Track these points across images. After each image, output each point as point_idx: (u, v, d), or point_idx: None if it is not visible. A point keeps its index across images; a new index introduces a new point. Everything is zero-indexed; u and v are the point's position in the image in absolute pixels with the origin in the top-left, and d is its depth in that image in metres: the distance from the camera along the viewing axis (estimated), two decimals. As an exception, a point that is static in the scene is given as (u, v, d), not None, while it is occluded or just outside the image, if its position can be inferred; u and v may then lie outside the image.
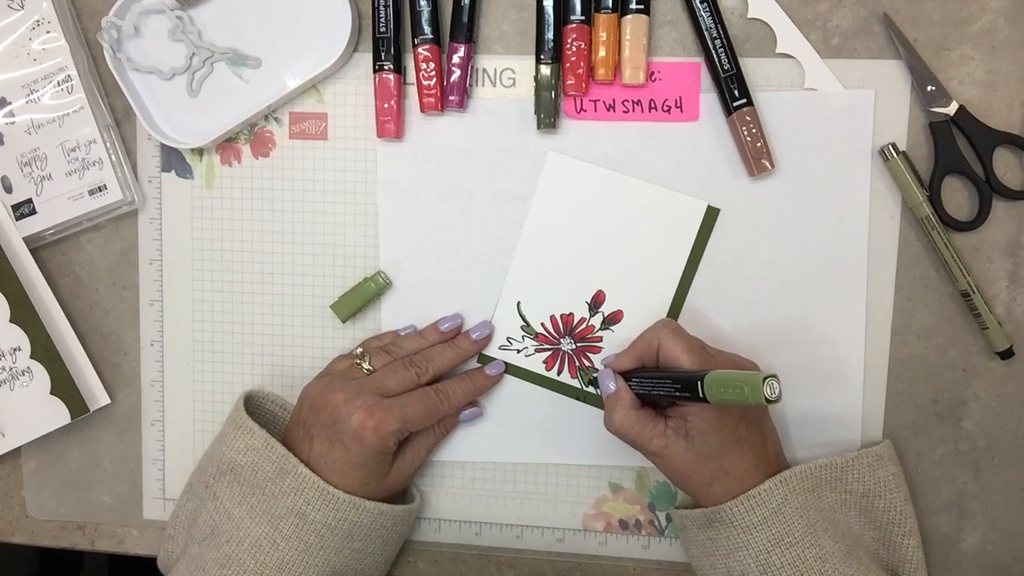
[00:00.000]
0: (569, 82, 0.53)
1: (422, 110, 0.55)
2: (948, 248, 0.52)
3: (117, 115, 0.58)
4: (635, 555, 0.58)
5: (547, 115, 0.54)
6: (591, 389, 0.57)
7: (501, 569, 0.60)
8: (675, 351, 0.48)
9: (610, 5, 0.52)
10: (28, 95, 0.57)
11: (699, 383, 0.43)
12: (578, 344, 0.57)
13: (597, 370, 0.57)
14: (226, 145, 0.58)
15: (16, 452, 0.62)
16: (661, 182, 0.55)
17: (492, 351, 0.57)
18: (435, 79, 0.54)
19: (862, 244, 0.54)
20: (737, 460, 0.48)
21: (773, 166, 0.53)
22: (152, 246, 0.59)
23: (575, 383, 0.57)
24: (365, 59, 0.56)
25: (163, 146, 0.58)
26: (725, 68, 0.52)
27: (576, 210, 0.56)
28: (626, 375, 0.51)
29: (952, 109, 0.52)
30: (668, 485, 0.57)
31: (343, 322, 0.58)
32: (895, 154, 0.52)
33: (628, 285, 0.56)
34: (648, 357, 0.50)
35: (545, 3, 0.52)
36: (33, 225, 0.58)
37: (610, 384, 0.51)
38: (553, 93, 0.53)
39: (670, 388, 0.46)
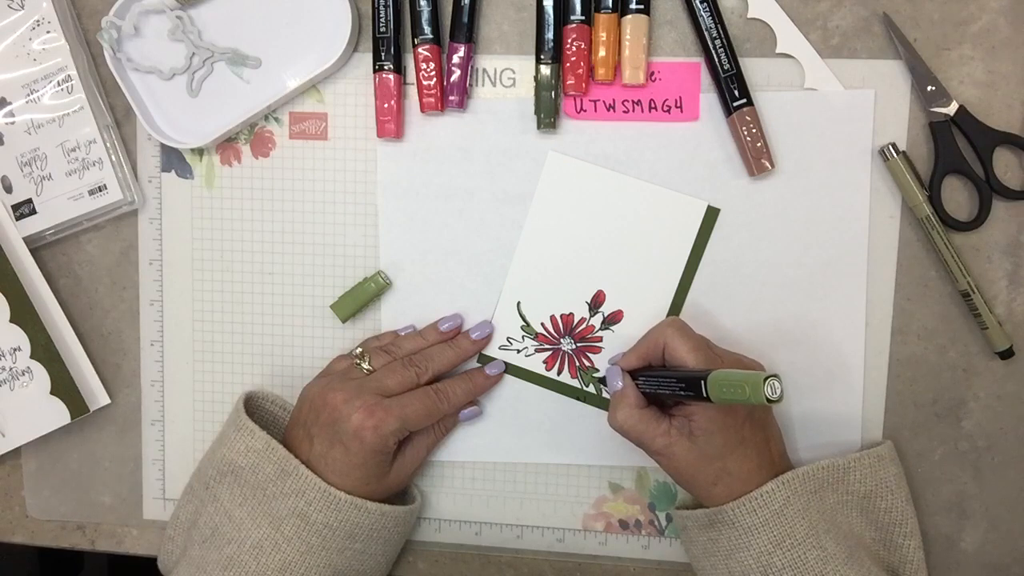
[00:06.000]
0: (569, 82, 0.53)
1: (422, 110, 0.55)
2: (948, 248, 0.52)
3: (117, 115, 0.58)
4: (635, 555, 0.58)
5: (547, 115, 0.54)
6: (591, 389, 0.57)
7: (501, 569, 0.60)
8: (681, 350, 0.48)
9: (610, 5, 0.52)
10: (28, 95, 0.57)
11: (702, 383, 0.43)
12: (578, 344, 0.57)
13: (597, 370, 0.57)
14: (226, 145, 0.58)
15: (16, 452, 0.61)
16: (661, 182, 0.55)
17: (492, 351, 0.57)
18: (435, 79, 0.54)
19: (862, 244, 0.54)
20: (741, 460, 0.48)
21: (773, 166, 0.53)
22: (152, 246, 0.59)
23: (575, 383, 0.57)
24: (365, 59, 0.56)
25: (163, 146, 0.58)
26: (725, 68, 0.52)
27: (576, 210, 0.56)
28: (632, 373, 0.51)
29: (952, 109, 0.52)
30: (668, 485, 0.57)
31: (343, 322, 0.58)
32: (895, 154, 0.52)
33: (628, 285, 0.56)
34: (654, 355, 0.50)
35: (545, 3, 0.52)
36: (33, 225, 0.58)
37: (617, 382, 0.51)
38: (553, 93, 0.53)
39: (675, 387, 0.46)
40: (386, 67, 0.54)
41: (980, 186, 0.53)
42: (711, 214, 0.55)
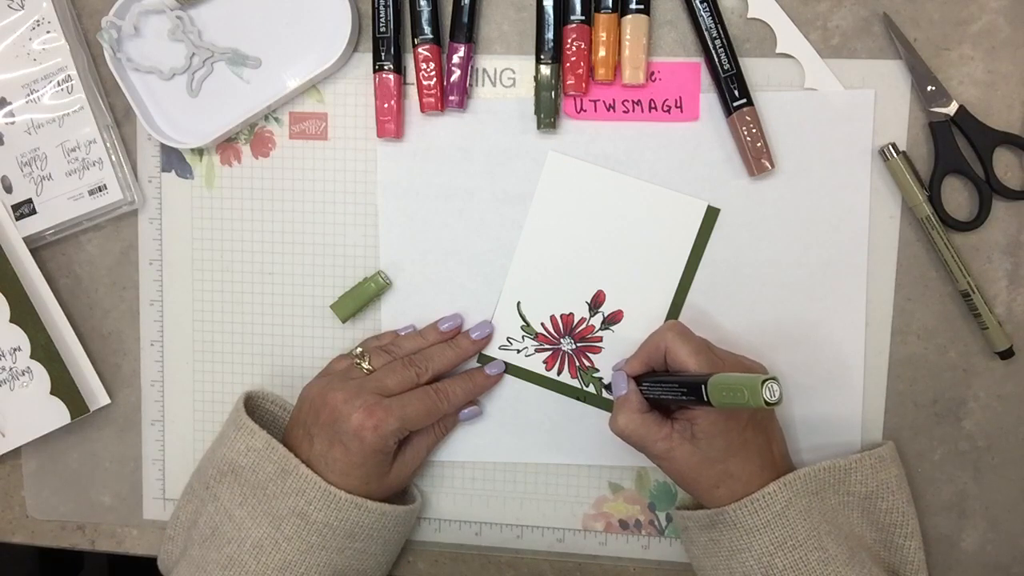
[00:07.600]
0: (569, 82, 0.53)
1: (422, 110, 0.55)
2: (948, 248, 0.52)
3: (117, 115, 0.58)
4: (635, 555, 0.58)
5: (547, 115, 0.54)
6: (591, 389, 0.57)
7: (501, 569, 0.60)
8: (681, 354, 0.48)
9: (610, 5, 0.52)
10: (28, 95, 0.57)
11: (703, 387, 0.43)
12: (578, 344, 0.57)
13: (597, 370, 0.57)
14: (226, 145, 0.58)
15: (16, 452, 0.61)
16: (661, 182, 0.55)
17: (492, 351, 0.57)
18: (435, 79, 0.54)
19: (862, 244, 0.54)
20: (743, 463, 0.48)
21: (773, 166, 0.53)
22: (152, 246, 0.59)
23: (575, 383, 0.57)
24: (365, 59, 0.56)
25: (163, 146, 0.58)
26: (725, 68, 0.52)
27: (576, 210, 0.56)
28: (637, 379, 0.51)
29: (952, 109, 0.52)
30: (668, 485, 0.57)
31: (343, 322, 0.58)
32: (895, 154, 0.52)
33: (628, 285, 0.56)
34: (656, 360, 0.50)
35: (545, 3, 0.52)
36: (33, 225, 0.58)
37: (621, 387, 0.51)
38: (553, 93, 0.53)
39: (677, 392, 0.46)
40: (386, 67, 0.54)
41: (980, 186, 0.53)
42: (711, 214, 0.55)
